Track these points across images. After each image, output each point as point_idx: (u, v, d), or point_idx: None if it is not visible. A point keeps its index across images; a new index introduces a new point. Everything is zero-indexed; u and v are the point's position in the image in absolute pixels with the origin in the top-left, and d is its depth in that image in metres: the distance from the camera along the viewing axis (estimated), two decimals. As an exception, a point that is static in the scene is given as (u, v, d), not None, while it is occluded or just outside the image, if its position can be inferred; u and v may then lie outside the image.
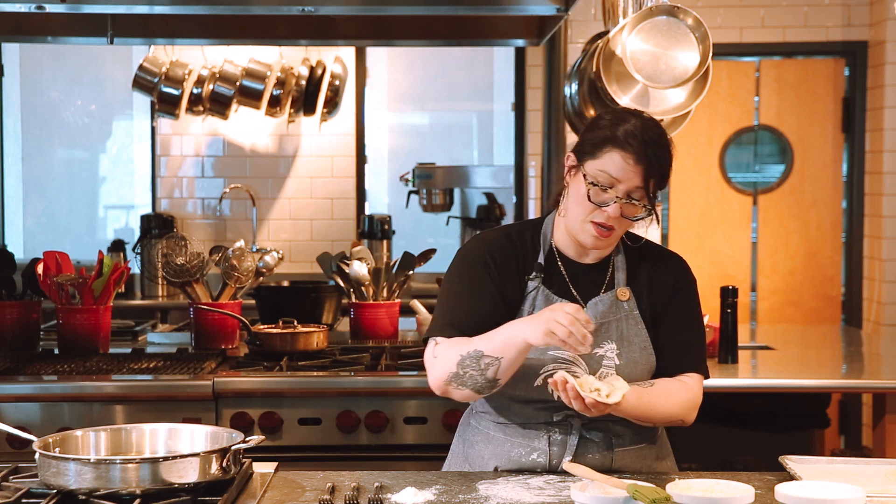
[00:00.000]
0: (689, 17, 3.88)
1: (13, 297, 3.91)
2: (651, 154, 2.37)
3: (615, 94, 3.99)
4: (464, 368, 2.39)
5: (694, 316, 2.58)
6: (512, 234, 2.57)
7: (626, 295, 2.51)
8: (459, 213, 6.51)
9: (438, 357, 2.44)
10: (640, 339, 2.49)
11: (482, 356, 2.37)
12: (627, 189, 2.38)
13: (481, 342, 2.38)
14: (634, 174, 2.37)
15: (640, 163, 2.37)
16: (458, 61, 6.96)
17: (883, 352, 4.59)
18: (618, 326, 2.49)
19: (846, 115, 6.46)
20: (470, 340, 2.40)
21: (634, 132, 2.38)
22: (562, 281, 2.52)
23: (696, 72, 3.86)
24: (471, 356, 2.38)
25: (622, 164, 2.37)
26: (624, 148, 2.37)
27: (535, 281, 2.50)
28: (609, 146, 2.38)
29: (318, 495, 2.23)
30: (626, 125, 2.39)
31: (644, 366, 2.49)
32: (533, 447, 2.48)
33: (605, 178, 2.38)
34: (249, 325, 3.70)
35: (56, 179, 6.90)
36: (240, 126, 6.61)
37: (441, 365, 2.43)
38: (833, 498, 2.08)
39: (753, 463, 4.42)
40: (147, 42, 5.63)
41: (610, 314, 2.49)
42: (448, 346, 2.44)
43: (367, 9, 4.05)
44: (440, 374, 2.44)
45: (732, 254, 6.50)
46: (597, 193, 2.39)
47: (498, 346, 2.36)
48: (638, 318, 2.50)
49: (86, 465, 2.11)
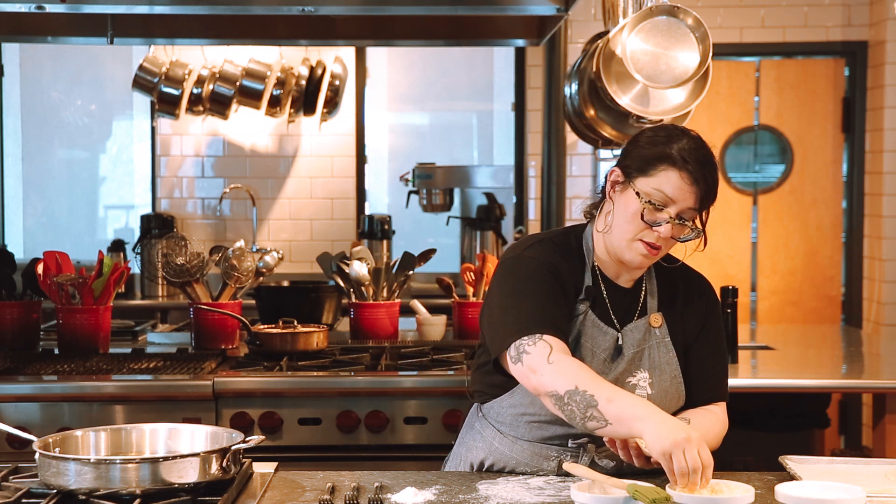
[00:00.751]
0: (689, 17, 3.88)
1: (13, 297, 3.91)
2: (708, 175, 2.31)
3: (615, 94, 4.00)
4: (570, 400, 2.21)
5: (722, 344, 2.53)
6: (561, 244, 2.45)
7: (658, 321, 2.45)
8: (459, 213, 6.50)
9: (554, 366, 2.24)
10: (671, 368, 2.44)
11: (595, 408, 2.18)
12: (680, 209, 2.32)
13: (602, 394, 2.19)
14: (690, 194, 2.31)
15: (696, 183, 2.30)
16: (458, 61, 6.96)
17: (883, 352, 4.59)
18: (650, 355, 2.43)
19: (846, 115, 6.46)
20: (593, 379, 2.22)
21: (690, 150, 2.31)
22: (604, 305, 2.43)
23: (696, 72, 3.86)
24: (584, 398, 2.19)
25: (679, 183, 2.30)
26: (682, 167, 2.30)
27: (584, 304, 2.41)
28: (665, 164, 2.31)
29: (318, 495, 2.23)
30: (680, 143, 2.32)
31: (674, 395, 2.44)
32: (540, 468, 2.44)
33: (659, 196, 2.31)
34: (249, 325, 3.70)
35: (56, 179, 6.89)
36: (240, 126, 6.61)
37: (552, 378, 2.24)
38: (833, 498, 2.08)
39: (753, 463, 4.42)
40: (147, 42, 5.62)
41: (644, 342, 2.43)
42: (569, 364, 2.25)
43: (367, 9, 4.05)
44: (546, 384, 2.24)
45: (732, 254, 6.50)
46: (651, 212, 2.31)
47: (614, 415, 2.17)
48: (669, 346, 2.45)
49: (86, 465, 2.11)
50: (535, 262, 2.40)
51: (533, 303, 2.34)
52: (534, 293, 2.35)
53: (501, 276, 2.43)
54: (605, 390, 2.20)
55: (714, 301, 2.55)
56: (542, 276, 2.37)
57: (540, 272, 2.38)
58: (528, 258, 2.41)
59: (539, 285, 2.36)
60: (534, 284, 2.36)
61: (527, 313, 2.33)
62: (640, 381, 2.41)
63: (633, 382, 2.40)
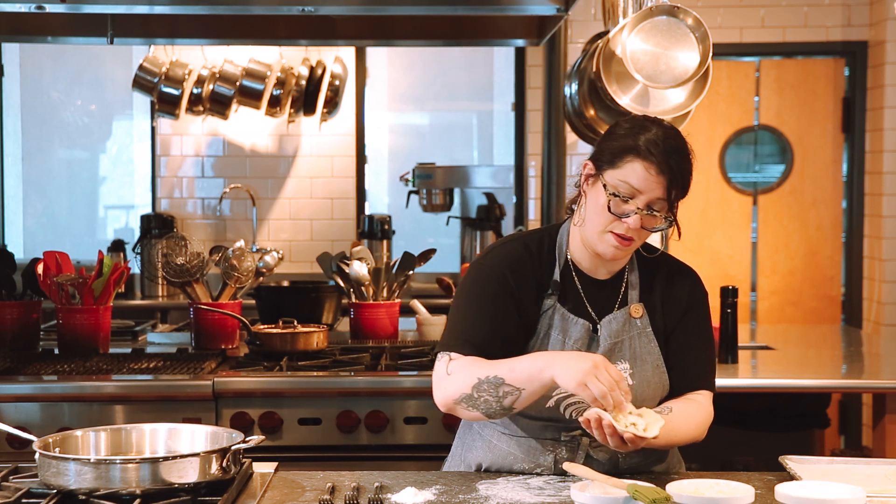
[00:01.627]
0: (689, 17, 3.88)
1: (13, 297, 3.91)
2: (674, 164, 2.31)
3: (615, 94, 3.99)
4: (479, 392, 2.30)
5: (705, 332, 2.53)
6: (530, 245, 2.48)
7: (639, 312, 2.46)
8: (459, 213, 6.50)
9: (453, 375, 2.35)
10: (653, 358, 2.45)
11: (502, 384, 2.28)
12: (649, 200, 2.32)
13: (502, 368, 2.29)
14: (657, 185, 2.31)
15: (662, 173, 2.30)
16: (458, 61, 6.96)
17: (883, 352, 4.59)
18: (630, 345, 2.44)
19: (846, 115, 6.46)
20: (489, 364, 2.31)
21: (656, 141, 2.31)
22: (577, 298, 2.45)
23: (696, 72, 3.86)
24: (489, 382, 2.29)
25: (644, 174, 2.30)
26: (646, 158, 2.30)
27: (552, 299, 2.43)
28: (630, 155, 2.31)
29: (318, 495, 2.23)
30: (648, 134, 2.32)
31: (657, 385, 2.45)
32: (537, 463, 2.45)
33: (626, 188, 2.32)
34: (249, 325, 3.70)
35: (56, 179, 6.90)
36: (240, 126, 6.61)
37: (454, 384, 2.34)
38: (833, 498, 2.08)
39: (753, 463, 4.42)
40: (147, 42, 5.63)
41: (623, 332, 2.44)
42: (464, 365, 2.34)
43: (367, 9, 4.05)
44: (451, 393, 2.34)
45: (732, 254, 6.50)
46: (617, 204, 2.32)
47: (521, 378, 2.27)
48: (651, 336, 2.46)
49: (86, 465, 2.11)
50: (487, 271, 2.44)
51: (466, 318, 2.41)
52: (476, 309, 2.41)
53: (460, 284, 2.51)
54: (505, 364, 2.29)
55: (699, 292, 2.54)
56: (488, 288, 2.41)
57: (489, 283, 2.42)
58: (484, 266, 2.46)
59: (480, 300, 2.41)
60: (478, 296, 2.42)
61: (452, 330, 2.42)
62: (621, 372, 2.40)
63: None
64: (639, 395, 2.39)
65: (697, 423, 2.44)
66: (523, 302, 2.42)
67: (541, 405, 2.36)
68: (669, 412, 2.38)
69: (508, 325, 2.40)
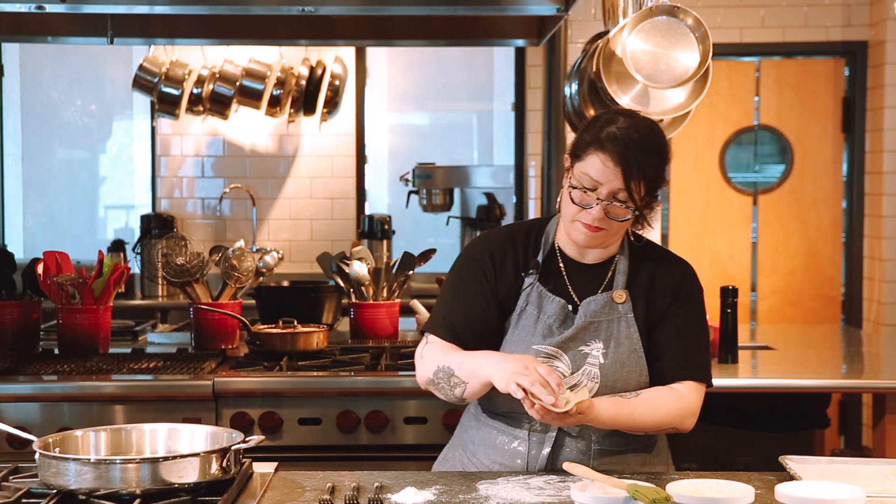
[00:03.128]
0: (689, 17, 3.88)
1: (13, 297, 3.91)
2: (631, 156, 2.37)
3: (615, 94, 3.99)
4: (438, 379, 2.50)
5: (693, 322, 2.56)
6: (516, 232, 2.61)
7: (622, 297, 2.51)
8: (459, 213, 6.50)
9: (424, 358, 2.55)
10: (632, 343, 2.50)
11: (452, 374, 2.47)
12: (610, 191, 2.39)
13: (455, 360, 2.47)
14: (614, 176, 2.38)
15: (618, 164, 2.37)
16: (458, 61, 6.96)
17: (883, 352, 4.59)
18: (608, 327, 2.49)
19: (846, 115, 6.46)
20: (450, 354, 2.49)
21: (617, 134, 2.38)
22: (559, 279, 2.54)
23: (696, 72, 3.86)
24: (444, 371, 2.48)
25: (601, 166, 2.38)
26: (604, 150, 2.38)
27: (531, 277, 2.53)
28: (592, 148, 2.40)
29: (318, 495, 2.23)
30: (612, 126, 2.40)
31: (633, 369, 2.49)
32: (515, 436, 2.53)
33: (587, 180, 2.40)
34: (249, 325, 3.70)
35: (56, 179, 6.90)
36: (240, 126, 6.61)
37: (424, 367, 2.55)
38: (833, 498, 2.08)
39: (753, 463, 4.42)
40: (147, 42, 5.63)
41: (601, 314, 2.50)
42: (434, 350, 2.53)
43: (367, 9, 4.05)
44: (421, 376, 2.56)
45: (732, 254, 6.50)
46: (580, 196, 2.42)
47: (466, 373, 2.45)
48: (631, 322, 2.51)
49: (86, 465, 2.11)
50: (469, 254, 2.60)
51: (445, 301, 2.58)
52: (454, 292, 2.57)
53: (448, 274, 2.66)
54: (458, 357, 2.48)
55: (690, 285, 2.58)
56: (467, 270, 2.57)
57: (468, 266, 2.58)
58: (468, 250, 2.62)
59: (460, 283, 2.57)
60: (458, 279, 2.58)
61: (436, 313, 2.59)
62: (592, 351, 2.48)
63: (585, 351, 2.48)
64: (611, 376, 2.48)
65: (668, 411, 2.47)
66: (501, 282, 2.54)
67: None
68: (634, 396, 2.46)
69: (482, 308, 2.53)
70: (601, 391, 2.46)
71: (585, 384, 2.44)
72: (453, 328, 2.53)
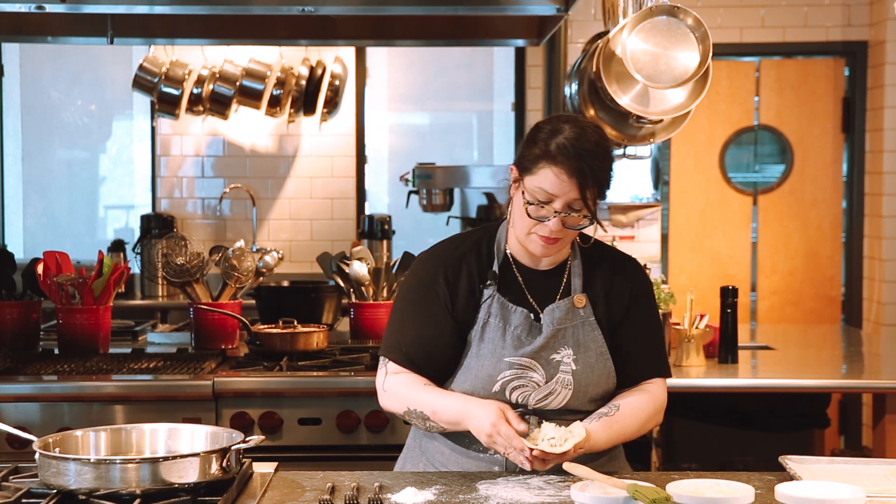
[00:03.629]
0: (689, 17, 3.88)
1: (13, 297, 3.91)
2: (585, 166, 2.36)
3: (615, 94, 3.99)
4: (410, 417, 2.51)
5: (653, 321, 2.61)
6: (464, 244, 2.57)
7: (582, 302, 2.52)
8: (459, 213, 6.50)
9: (388, 392, 2.53)
10: (597, 346, 2.51)
11: (429, 419, 2.47)
12: (566, 202, 2.38)
13: (428, 404, 2.46)
14: (570, 188, 2.37)
15: (573, 176, 2.36)
16: (457, 61, 6.95)
17: (883, 352, 4.59)
18: (574, 333, 2.50)
19: (846, 115, 6.46)
20: (419, 393, 2.47)
21: (567, 145, 2.36)
22: (517, 288, 2.53)
23: (696, 72, 3.86)
24: (417, 414, 2.48)
25: (556, 179, 2.37)
26: (557, 163, 2.36)
27: (490, 289, 2.50)
28: (543, 161, 2.38)
29: (318, 495, 2.23)
30: (560, 137, 2.38)
31: (601, 371, 2.51)
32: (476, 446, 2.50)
33: (542, 194, 2.39)
34: (249, 325, 3.70)
35: (56, 179, 6.89)
36: (240, 126, 6.61)
37: (390, 402, 2.54)
38: (833, 498, 2.08)
39: (753, 463, 4.42)
40: (147, 42, 5.62)
41: (566, 321, 2.50)
42: (399, 384, 2.51)
43: (367, 9, 4.05)
44: (388, 408, 2.56)
45: (732, 254, 6.50)
46: (536, 210, 2.40)
47: (444, 419, 2.45)
48: (594, 325, 2.52)
49: (86, 465, 2.11)
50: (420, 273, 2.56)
51: (400, 325, 2.55)
52: (407, 315, 2.54)
53: (398, 289, 2.67)
54: (429, 403, 2.46)
55: (642, 280, 2.61)
56: (422, 293, 2.52)
57: (420, 288, 2.53)
58: (417, 269, 2.58)
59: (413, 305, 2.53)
60: (410, 302, 2.54)
61: (390, 335, 2.56)
62: (563, 358, 2.48)
63: (556, 359, 2.48)
64: (583, 381, 2.48)
65: (648, 415, 2.53)
66: (457, 300, 2.51)
67: (487, 392, 2.47)
68: (616, 410, 2.47)
69: (437, 333, 2.50)
70: (574, 397, 2.48)
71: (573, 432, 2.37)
72: (407, 354, 2.51)
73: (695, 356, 3.77)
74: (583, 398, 2.49)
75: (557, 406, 2.47)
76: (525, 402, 2.46)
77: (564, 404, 2.47)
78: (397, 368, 2.52)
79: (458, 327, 2.50)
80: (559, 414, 2.47)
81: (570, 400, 2.47)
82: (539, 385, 2.46)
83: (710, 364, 3.82)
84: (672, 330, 3.88)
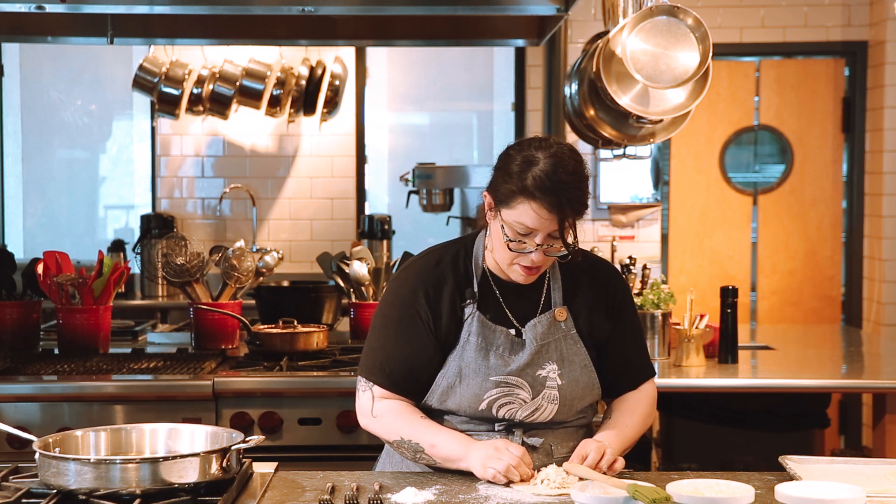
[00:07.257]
0: (689, 17, 3.88)
1: (13, 297, 3.91)
2: (564, 199, 2.32)
3: (615, 94, 3.99)
4: (399, 447, 2.46)
5: (637, 325, 2.64)
6: (443, 260, 2.52)
7: (563, 315, 2.50)
8: (459, 213, 6.50)
9: (378, 419, 2.47)
10: (580, 358, 2.50)
11: (422, 452, 2.43)
12: (546, 234, 2.36)
13: (425, 439, 2.42)
14: (550, 221, 2.33)
15: (553, 211, 2.32)
16: (457, 61, 6.95)
17: (883, 352, 4.59)
18: (557, 347, 2.49)
19: (846, 115, 6.46)
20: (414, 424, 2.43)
21: (544, 178, 2.31)
22: (497, 305, 2.50)
23: (696, 72, 3.86)
24: (409, 445, 2.44)
25: (535, 215, 2.33)
26: (535, 199, 2.32)
27: (470, 307, 2.48)
28: (521, 197, 2.33)
29: (318, 495, 2.23)
30: (535, 169, 2.33)
31: (586, 384, 2.50)
32: None
33: (522, 228, 2.35)
34: (249, 325, 3.70)
35: (56, 179, 6.89)
36: (240, 126, 6.61)
37: (378, 429, 2.49)
38: (833, 498, 2.08)
39: (753, 463, 4.42)
40: (147, 42, 5.62)
41: (549, 335, 2.48)
42: (392, 413, 2.46)
43: (367, 9, 4.05)
44: (374, 432, 2.50)
45: (732, 254, 6.50)
46: (517, 244, 2.37)
47: (439, 455, 2.41)
48: (576, 338, 2.51)
49: (86, 465, 2.11)
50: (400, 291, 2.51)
51: (382, 345, 2.50)
52: (389, 335, 2.49)
53: (378, 306, 2.58)
54: (426, 435, 2.42)
55: (620, 286, 2.60)
56: (403, 312, 2.48)
57: (401, 307, 2.49)
58: (397, 287, 2.53)
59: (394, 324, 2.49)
60: (392, 321, 2.50)
61: (371, 355, 2.51)
62: (549, 373, 2.47)
63: (542, 375, 2.46)
64: (568, 395, 2.48)
65: (647, 415, 2.60)
66: (440, 317, 2.48)
67: (474, 409, 2.45)
68: (630, 417, 2.53)
69: (419, 353, 2.47)
70: (560, 411, 2.48)
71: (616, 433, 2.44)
72: (391, 374, 2.47)
73: (695, 356, 3.77)
74: (569, 411, 2.49)
75: (544, 420, 2.47)
76: (512, 417, 2.45)
77: (551, 418, 2.48)
78: (384, 393, 2.48)
79: (441, 346, 2.47)
80: (546, 426, 2.48)
81: (557, 414, 2.47)
82: (525, 402, 2.45)
83: (710, 364, 3.82)
84: (672, 330, 3.88)
